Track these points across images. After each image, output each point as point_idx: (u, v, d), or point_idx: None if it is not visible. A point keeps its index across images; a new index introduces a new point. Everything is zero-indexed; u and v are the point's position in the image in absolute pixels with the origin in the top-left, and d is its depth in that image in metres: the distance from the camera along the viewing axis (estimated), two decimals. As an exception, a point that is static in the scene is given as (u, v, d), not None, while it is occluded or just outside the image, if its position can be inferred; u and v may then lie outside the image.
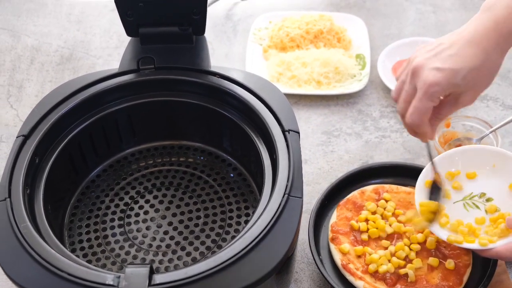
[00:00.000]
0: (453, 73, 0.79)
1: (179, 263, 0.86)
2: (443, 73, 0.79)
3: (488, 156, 0.95)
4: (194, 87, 0.95)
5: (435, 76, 0.79)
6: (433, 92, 0.80)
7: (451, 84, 0.79)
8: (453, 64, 0.79)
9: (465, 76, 0.79)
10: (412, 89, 0.82)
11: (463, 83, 0.79)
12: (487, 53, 0.79)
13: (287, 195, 0.78)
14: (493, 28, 0.79)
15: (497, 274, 0.93)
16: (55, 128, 0.89)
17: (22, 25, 1.47)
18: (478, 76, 0.80)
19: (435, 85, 0.79)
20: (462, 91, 0.81)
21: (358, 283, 0.91)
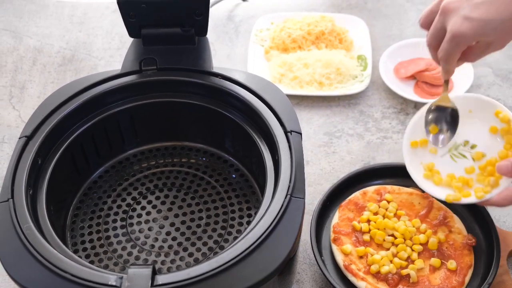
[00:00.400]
0: (483, 24, 0.76)
1: (182, 264, 0.86)
2: (472, 23, 0.76)
3: (462, 103, 0.94)
4: (196, 88, 0.95)
5: (462, 25, 0.77)
6: (460, 41, 0.78)
7: (478, 35, 0.77)
8: (484, 14, 0.75)
9: (496, 27, 0.76)
10: (441, 26, 0.81)
11: (493, 33, 0.77)
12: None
13: (289, 196, 0.78)
14: None
15: (499, 275, 0.93)
16: (58, 129, 0.89)
17: (24, 27, 1.48)
18: (509, 26, 0.76)
19: (461, 36, 0.77)
20: (492, 40, 0.79)
21: (360, 283, 0.91)
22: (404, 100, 1.25)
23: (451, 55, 0.82)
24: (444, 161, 0.95)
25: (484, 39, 0.79)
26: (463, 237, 0.96)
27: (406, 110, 1.24)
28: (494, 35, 0.77)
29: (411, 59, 1.31)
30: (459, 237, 0.96)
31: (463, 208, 1.01)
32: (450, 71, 0.86)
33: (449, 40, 0.79)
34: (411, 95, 1.25)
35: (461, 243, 0.95)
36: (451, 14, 0.78)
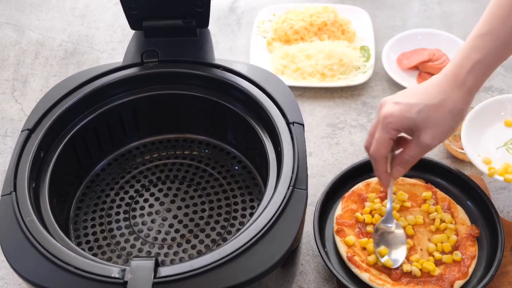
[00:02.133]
0: (409, 107, 0.82)
1: (184, 256, 0.86)
2: (399, 106, 0.82)
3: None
4: (198, 80, 0.94)
5: (392, 108, 0.83)
6: (388, 123, 0.83)
7: (405, 118, 0.82)
8: (410, 100, 0.83)
9: (420, 110, 0.81)
10: (376, 122, 0.86)
11: (418, 117, 0.81)
12: (445, 93, 0.81)
13: (291, 188, 0.78)
14: (452, 72, 0.82)
15: (502, 265, 0.93)
16: (60, 122, 0.89)
17: (26, 20, 1.47)
18: (435, 113, 0.81)
19: (390, 116, 0.83)
20: (421, 128, 0.82)
21: (363, 275, 0.91)
22: (407, 91, 1.25)
23: (380, 142, 0.85)
24: (499, 152, 1.01)
25: (411, 124, 0.82)
26: (467, 228, 0.96)
27: (409, 101, 1.23)
28: (420, 119, 0.82)
29: (414, 50, 1.30)
30: (463, 228, 0.96)
31: (467, 199, 1.01)
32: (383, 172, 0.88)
33: (381, 123, 0.84)
34: (414, 85, 1.24)
35: (465, 234, 0.95)
36: (385, 105, 0.85)
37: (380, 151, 0.85)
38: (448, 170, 1.03)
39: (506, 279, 0.93)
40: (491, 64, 0.81)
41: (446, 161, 1.11)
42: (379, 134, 0.84)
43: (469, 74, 0.80)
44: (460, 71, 0.81)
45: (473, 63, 0.80)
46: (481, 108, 1.05)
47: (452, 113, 0.81)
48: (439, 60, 1.25)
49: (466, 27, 1.39)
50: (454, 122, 0.82)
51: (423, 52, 1.28)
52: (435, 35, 1.33)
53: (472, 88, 0.81)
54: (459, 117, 0.82)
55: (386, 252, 0.91)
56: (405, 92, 0.85)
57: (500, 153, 1.01)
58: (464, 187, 1.02)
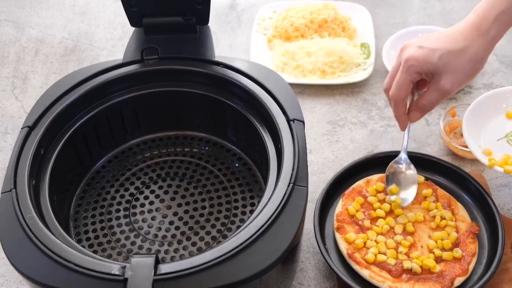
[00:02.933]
0: (431, 51, 0.84)
1: (185, 253, 0.86)
2: (422, 50, 0.85)
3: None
4: (198, 77, 0.94)
5: (415, 51, 0.85)
6: (410, 65, 0.85)
7: (427, 62, 0.84)
8: (433, 45, 0.85)
9: (441, 55, 0.84)
10: (397, 65, 0.89)
11: (440, 62, 0.84)
12: (468, 41, 0.84)
13: (292, 185, 0.78)
14: (474, 20, 0.84)
15: (503, 263, 0.93)
16: (60, 119, 0.89)
17: (26, 17, 1.47)
18: (456, 59, 0.84)
19: (412, 59, 0.85)
20: (441, 72, 0.84)
21: (363, 272, 0.91)
22: (408, 88, 1.25)
23: (401, 85, 0.87)
24: (499, 144, 1.02)
25: (432, 68, 0.85)
26: (467, 225, 0.96)
27: (410, 98, 1.23)
28: (441, 64, 0.84)
29: None
30: (463, 225, 0.96)
31: (467, 196, 1.01)
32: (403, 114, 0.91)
33: (402, 65, 0.87)
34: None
35: (465, 231, 0.95)
36: (406, 48, 0.87)
37: (400, 93, 0.88)
38: (448, 167, 1.03)
39: (507, 276, 0.93)
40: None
41: (447, 158, 1.11)
42: (400, 76, 0.87)
43: (493, 23, 0.83)
44: (484, 21, 0.83)
45: (498, 13, 0.82)
46: (482, 100, 1.06)
47: (473, 60, 0.84)
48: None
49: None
50: (474, 69, 0.85)
51: None
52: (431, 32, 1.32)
53: (495, 37, 0.84)
54: (479, 65, 0.85)
55: (397, 190, 0.95)
56: (429, 36, 0.87)
57: (500, 144, 1.02)
58: (465, 184, 1.02)
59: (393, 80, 0.89)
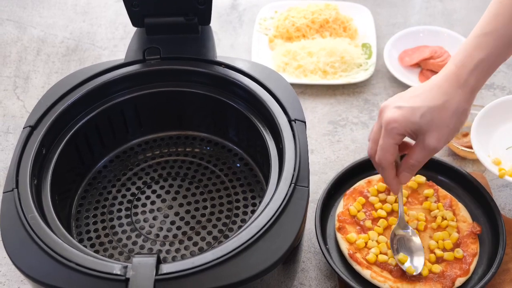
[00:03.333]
0: (412, 111, 0.81)
1: (186, 253, 0.87)
2: (402, 110, 0.82)
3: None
4: (200, 77, 0.94)
5: (394, 113, 0.82)
6: (392, 128, 0.82)
7: (409, 122, 0.81)
8: (413, 103, 0.82)
9: (423, 113, 0.80)
10: (378, 128, 0.85)
11: (422, 121, 0.80)
12: (448, 94, 0.81)
13: (293, 185, 0.78)
14: (453, 72, 0.81)
15: (504, 263, 0.93)
16: (62, 118, 0.89)
17: (28, 17, 1.47)
18: (438, 115, 0.81)
19: (393, 121, 0.82)
20: (425, 131, 0.81)
21: (365, 272, 0.91)
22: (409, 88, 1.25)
23: (386, 149, 0.84)
24: (508, 153, 1.01)
25: (415, 128, 0.82)
26: (468, 226, 0.96)
27: (411, 98, 1.23)
28: (424, 123, 0.81)
29: (416, 47, 1.30)
30: (464, 225, 0.96)
31: (468, 196, 1.01)
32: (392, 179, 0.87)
33: (384, 129, 0.83)
34: (416, 83, 1.24)
35: (466, 231, 0.95)
36: (385, 110, 0.84)
37: (387, 158, 0.84)
38: (449, 167, 1.03)
39: (508, 277, 0.93)
40: (494, 63, 0.80)
41: (448, 158, 1.11)
42: (383, 140, 0.83)
43: (472, 73, 0.80)
44: (462, 71, 0.80)
45: (476, 62, 0.80)
46: (490, 108, 1.05)
47: (456, 113, 0.81)
48: (441, 57, 1.25)
49: (468, 24, 1.39)
50: (459, 122, 0.82)
51: (424, 49, 1.28)
52: (437, 33, 1.33)
53: (475, 87, 0.81)
54: (463, 117, 0.82)
55: (406, 259, 0.91)
56: (405, 94, 0.84)
57: (510, 153, 1.01)
58: (466, 184, 1.02)
59: (376, 145, 0.86)
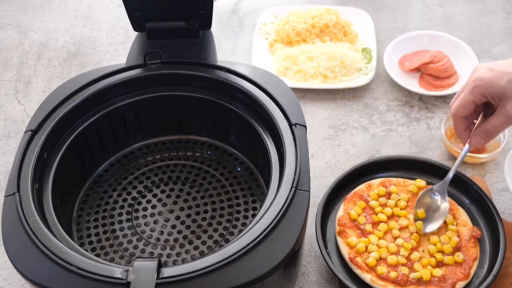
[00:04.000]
0: (500, 74, 0.82)
1: (187, 257, 0.87)
2: (492, 72, 0.82)
3: None
4: (200, 81, 0.95)
5: (484, 73, 0.83)
6: (475, 86, 0.83)
7: (494, 84, 0.82)
8: (504, 68, 0.82)
9: (510, 79, 0.81)
10: (466, 84, 0.87)
11: (508, 86, 0.81)
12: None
13: (294, 189, 0.79)
14: None
15: (504, 267, 0.93)
16: (63, 123, 0.89)
17: (29, 21, 1.48)
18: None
19: (480, 79, 0.83)
20: (508, 97, 0.81)
21: (365, 276, 0.91)
22: (409, 92, 1.25)
23: (463, 100, 0.86)
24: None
25: (499, 91, 0.82)
26: (468, 230, 0.96)
27: (411, 102, 1.24)
28: (508, 87, 0.81)
29: (416, 52, 1.31)
30: (464, 229, 0.96)
31: (468, 200, 1.01)
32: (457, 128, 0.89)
33: (469, 85, 0.85)
34: (416, 87, 1.25)
35: (466, 235, 0.95)
36: (478, 69, 0.85)
37: (459, 111, 0.86)
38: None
39: (508, 281, 0.93)
40: None
41: (448, 162, 1.11)
42: (463, 95, 0.85)
43: None
44: None
45: None
46: None
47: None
48: (441, 62, 1.25)
49: (467, 29, 1.40)
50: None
51: (424, 54, 1.29)
52: (436, 37, 1.33)
53: None
54: None
55: (422, 215, 0.92)
56: (502, 61, 0.86)
57: None
58: (466, 188, 1.02)
59: (457, 96, 0.88)
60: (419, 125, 1.19)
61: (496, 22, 1.40)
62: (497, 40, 1.35)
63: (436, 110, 1.22)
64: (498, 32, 1.37)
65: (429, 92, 1.23)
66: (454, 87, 1.23)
